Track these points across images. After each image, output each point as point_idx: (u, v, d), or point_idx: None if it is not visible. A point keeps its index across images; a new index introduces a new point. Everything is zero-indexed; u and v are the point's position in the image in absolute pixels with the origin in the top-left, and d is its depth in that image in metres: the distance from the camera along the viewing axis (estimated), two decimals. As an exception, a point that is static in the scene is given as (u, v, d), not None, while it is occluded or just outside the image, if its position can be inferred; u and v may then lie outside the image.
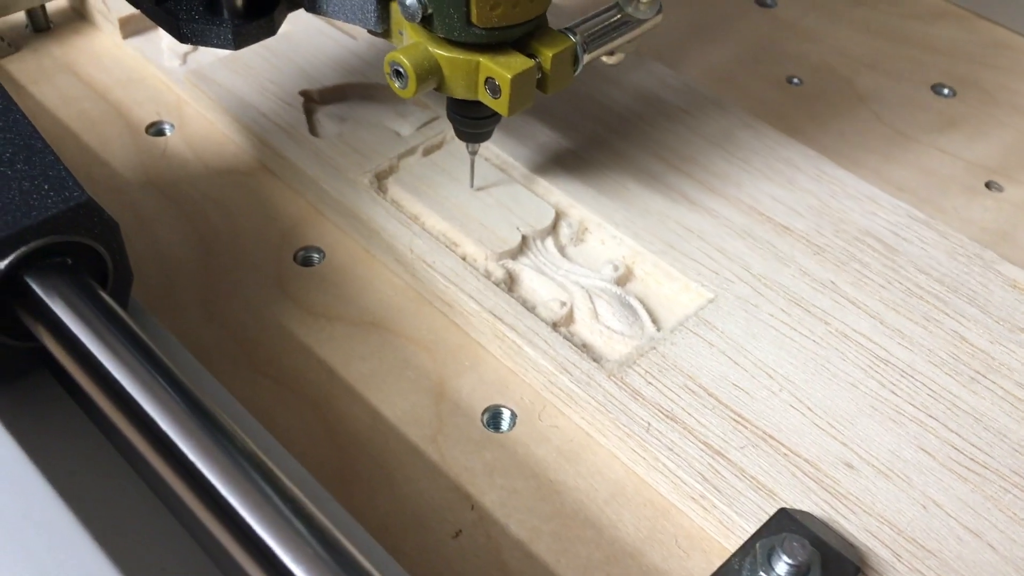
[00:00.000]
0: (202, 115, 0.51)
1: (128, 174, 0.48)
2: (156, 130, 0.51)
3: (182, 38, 0.42)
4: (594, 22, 0.40)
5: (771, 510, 0.34)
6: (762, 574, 0.31)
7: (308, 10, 0.41)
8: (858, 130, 0.54)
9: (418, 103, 0.50)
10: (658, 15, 0.41)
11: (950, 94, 0.58)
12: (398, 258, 0.43)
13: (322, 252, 0.45)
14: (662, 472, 0.36)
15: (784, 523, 0.32)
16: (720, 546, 0.35)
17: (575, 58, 0.39)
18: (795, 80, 0.58)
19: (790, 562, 0.30)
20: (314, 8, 0.40)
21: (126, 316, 0.32)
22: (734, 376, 0.38)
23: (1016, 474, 0.36)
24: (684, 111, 0.51)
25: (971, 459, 0.36)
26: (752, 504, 0.34)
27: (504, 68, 0.37)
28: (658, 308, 0.42)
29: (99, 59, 0.55)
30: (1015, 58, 0.61)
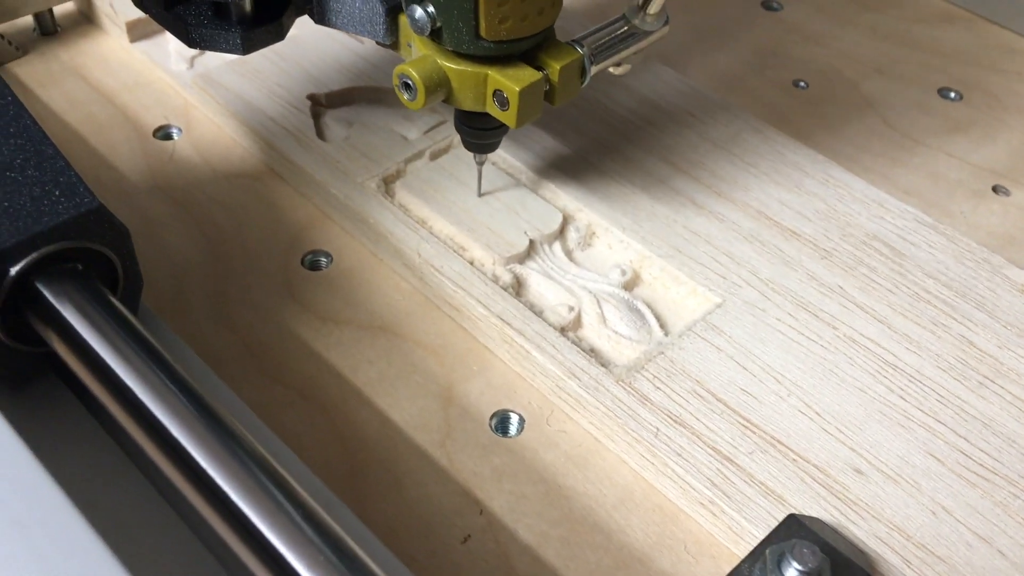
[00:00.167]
0: (210, 119, 0.51)
1: (136, 178, 0.48)
2: (164, 134, 0.51)
3: (191, 43, 0.42)
4: (601, 34, 0.40)
5: (780, 516, 0.34)
6: (772, 580, 0.31)
7: (317, 22, 0.41)
8: (865, 134, 0.54)
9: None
10: (665, 27, 0.41)
11: (957, 98, 0.58)
12: (406, 262, 0.43)
13: (330, 256, 0.45)
14: (671, 477, 0.36)
15: (794, 529, 0.32)
16: (729, 552, 0.35)
17: (582, 70, 0.39)
18: (801, 84, 0.58)
19: (800, 568, 0.30)
20: (323, 20, 0.40)
21: (136, 321, 0.32)
22: (742, 381, 0.38)
23: (1025, 480, 0.36)
24: (691, 115, 0.51)
25: (980, 464, 0.36)
26: (761, 510, 0.34)
27: (512, 81, 0.37)
28: (666, 313, 0.42)
29: (106, 63, 0.55)
30: (1022, 62, 0.61)
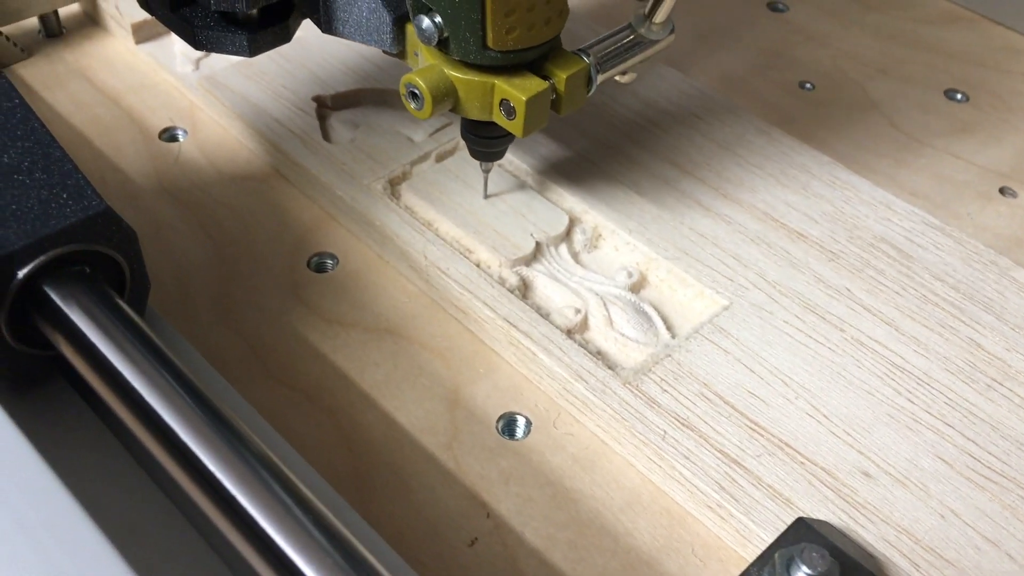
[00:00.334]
0: (215, 121, 0.51)
1: (141, 180, 0.48)
2: (169, 136, 0.51)
3: (197, 45, 0.42)
4: (607, 43, 0.40)
5: (788, 519, 0.34)
6: (780, 584, 0.31)
7: (324, 31, 0.41)
8: (871, 135, 0.54)
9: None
10: (670, 35, 0.41)
11: (963, 99, 0.57)
12: (412, 264, 0.43)
13: (336, 258, 0.45)
14: (678, 480, 0.36)
15: (802, 533, 0.32)
16: (737, 555, 0.35)
17: (589, 79, 0.39)
18: (807, 85, 0.58)
19: (809, 572, 0.30)
20: (330, 29, 0.40)
21: (144, 324, 0.32)
22: (750, 384, 0.38)
23: (1034, 483, 0.36)
24: (697, 117, 0.51)
25: (988, 468, 0.36)
26: (769, 513, 0.34)
27: (519, 90, 0.37)
28: (672, 315, 0.42)
29: (112, 65, 0.55)
30: (1028, 63, 0.61)
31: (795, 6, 0.64)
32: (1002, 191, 0.51)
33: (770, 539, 0.33)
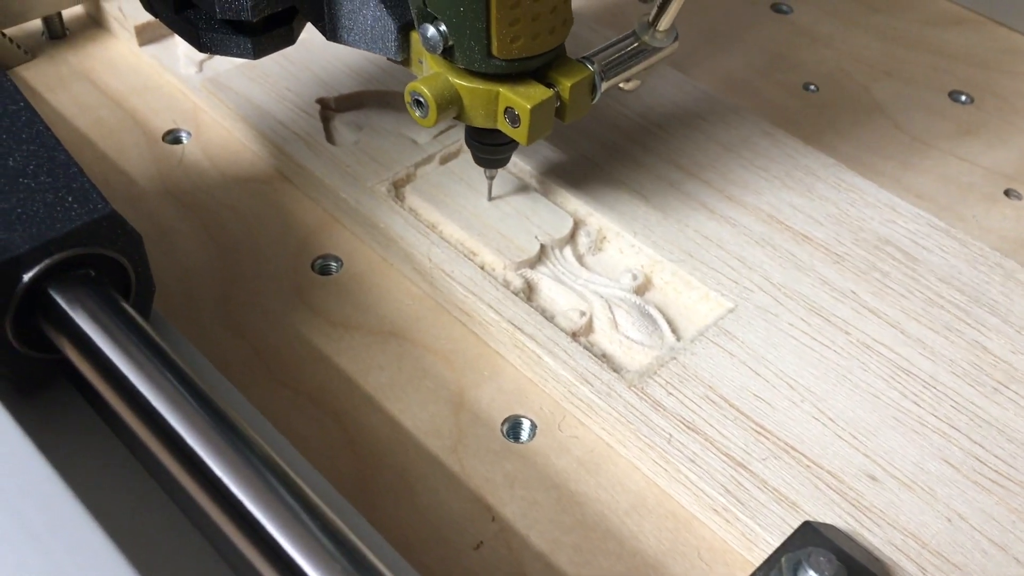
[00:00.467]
0: (219, 123, 0.51)
1: (145, 182, 0.48)
2: (173, 138, 0.51)
3: (201, 47, 0.42)
4: (611, 51, 0.40)
5: (794, 523, 0.34)
6: (787, 588, 0.31)
7: (328, 38, 0.40)
8: (875, 137, 0.54)
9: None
10: (675, 43, 0.41)
11: (968, 101, 0.57)
12: (416, 267, 0.43)
13: (340, 261, 0.45)
14: (684, 484, 0.36)
15: (809, 536, 0.32)
16: (743, 559, 0.35)
17: (593, 87, 0.39)
18: (812, 87, 0.57)
19: (816, 576, 0.30)
20: (335, 37, 0.40)
21: (149, 328, 0.32)
22: (755, 387, 0.38)
23: (1040, 486, 0.36)
24: (701, 118, 0.51)
25: (995, 471, 0.36)
26: (775, 516, 0.34)
27: (524, 98, 0.37)
28: (677, 318, 0.42)
29: (115, 67, 0.55)
30: (1032, 64, 0.61)
31: (799, 8, 0.64)
32: (1007, 193, 0.51)
33: (776, 542, 0.33)
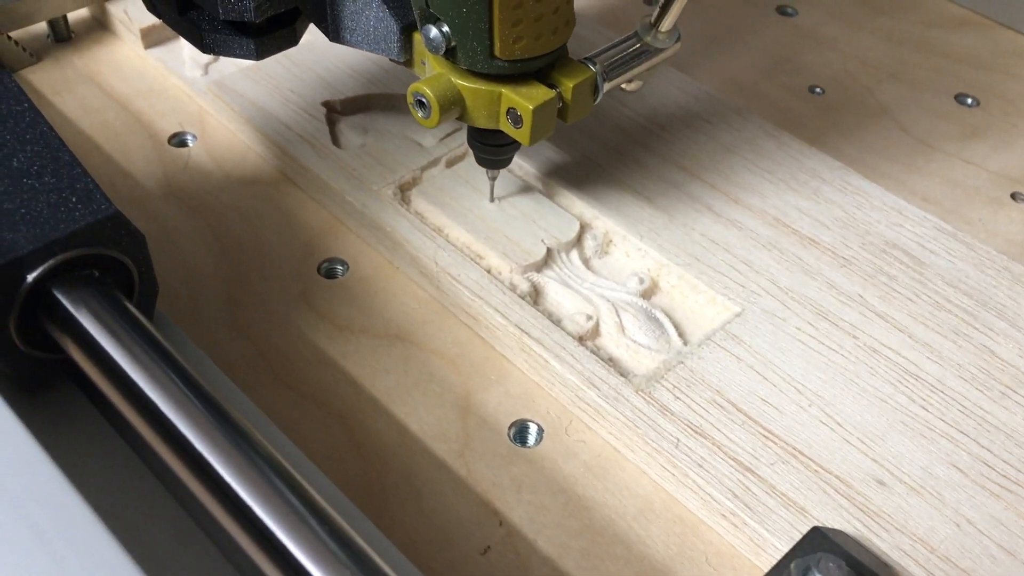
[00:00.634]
0: (224, 126, 0.51)
1: (151, 185, 0.48)
2: (178, 141, 0.50)
3: (204, 48, 0.42)
4: (613, 52, 0.40)
5: (802, 527, 0.34)
6: (796, 593, 0.31)
7: (331, 39, 0.40)
8: (881, 140, 0.54)
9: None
10: (677, 44, 0.41)
11: (973, 104, 0.57)
12: (422, 270, 0.43)
13: (346, 264, 0.44)
14: (691, 488, 0.35)
15: (818, 542, 0.32)
16: (751, 564, 0.35)
17: (595, 88, 0.39)
18: (817, 90, 0.57)
19: (825, 582, 0.30)
20: (337, 38, 0.40)
21: (152, 328, 0.32)
22: (762, 391, 0.38)
23: (1050, 491, 0.36)
24: (706, 121, 0.51)
25: (1003, 476, 0.36)
26: (783, 521, 0.34)
27: (526, 99, 0.37)
28: (684, 322, 0.42)
29: (121, 69, 0.55)
30: (1038, 68, 0.60)
31: (804, 10, 0.64)
32: (1013, 196, 0.51)
33: (784, 547, 0.33)
